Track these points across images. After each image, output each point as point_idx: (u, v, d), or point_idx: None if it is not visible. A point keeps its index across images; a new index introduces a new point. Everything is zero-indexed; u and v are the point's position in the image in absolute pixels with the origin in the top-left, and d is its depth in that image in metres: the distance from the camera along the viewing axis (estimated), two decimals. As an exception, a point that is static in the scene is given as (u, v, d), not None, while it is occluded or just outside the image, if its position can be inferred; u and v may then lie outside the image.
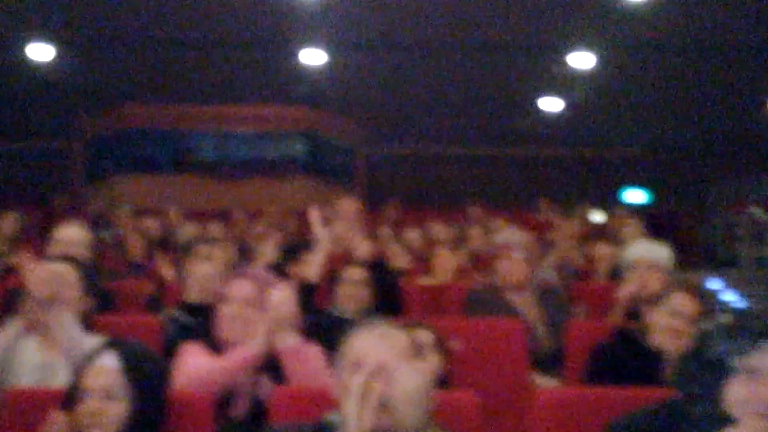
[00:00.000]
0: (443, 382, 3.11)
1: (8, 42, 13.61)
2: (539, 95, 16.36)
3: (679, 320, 3.57)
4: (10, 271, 6.33)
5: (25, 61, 14.21)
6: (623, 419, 2.16)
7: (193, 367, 3.06)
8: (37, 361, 3.21)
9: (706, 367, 2.04)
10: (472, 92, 16.05)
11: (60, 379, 3.05)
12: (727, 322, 2.07)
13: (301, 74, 14.99)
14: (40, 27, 13.18)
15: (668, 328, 3.56)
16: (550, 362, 4.18)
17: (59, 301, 3.08)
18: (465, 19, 13.02)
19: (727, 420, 1.95)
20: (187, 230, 9.44)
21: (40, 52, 13.98)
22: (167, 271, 6.45)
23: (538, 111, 17.01)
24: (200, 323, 3.82)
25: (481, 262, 7.56)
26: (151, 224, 9.63)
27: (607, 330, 3.85)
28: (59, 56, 14.17)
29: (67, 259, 3.43)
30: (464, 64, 14.92)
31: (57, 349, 3.14)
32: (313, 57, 14.25)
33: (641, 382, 3.25)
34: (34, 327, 3.19)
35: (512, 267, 4.72)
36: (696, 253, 18.09)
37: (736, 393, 1.97)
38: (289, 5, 12.17)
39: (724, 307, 12.08)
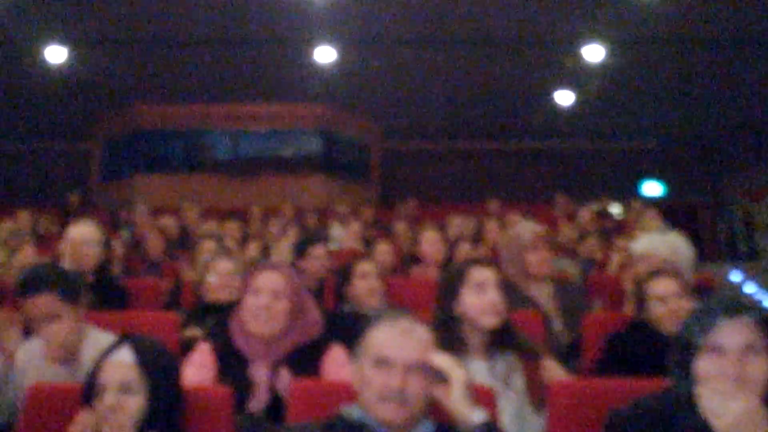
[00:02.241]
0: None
1: (26, 45, 13.68)
2: (553, 89, 16.33)
3: (668, 303, 3.63)
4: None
5: (42, 64, 14.29)
6: (627, 407, 2.17)
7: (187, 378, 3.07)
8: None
9: (683, 350, 2.06)
10: (486, 87, 16.01)
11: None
12: (697, 306, 2.09)
13: (315, 72, 14.99)
14: (57, 29, 13.25)
15: (665, 313, 3.62)
16: (567, 354, 4.17)
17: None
18: (477, 13, 12.96)
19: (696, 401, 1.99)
20: (206, 228, 9.48)
21: (57, 54, 14.05)
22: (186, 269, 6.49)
23: (552, 104, 16.96)
24: (217, 324, 3.82)
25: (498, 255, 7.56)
26: (169, 223, 9.66)
27: (622, 322, 3.86)
28: (75, 58, 14.23)
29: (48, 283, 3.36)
30: (477, 58, 14.86)
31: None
32: (326, 54, 14.25)
33: (656, 371, 3.27)
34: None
35: (540, 259, 4.69)
36: (715, 246, 18.08)
37: (700, 370, 2.02)
38: (301, 3, 12.18)
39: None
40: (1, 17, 12.27)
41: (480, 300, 3.18)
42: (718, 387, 1.94)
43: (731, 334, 1.99)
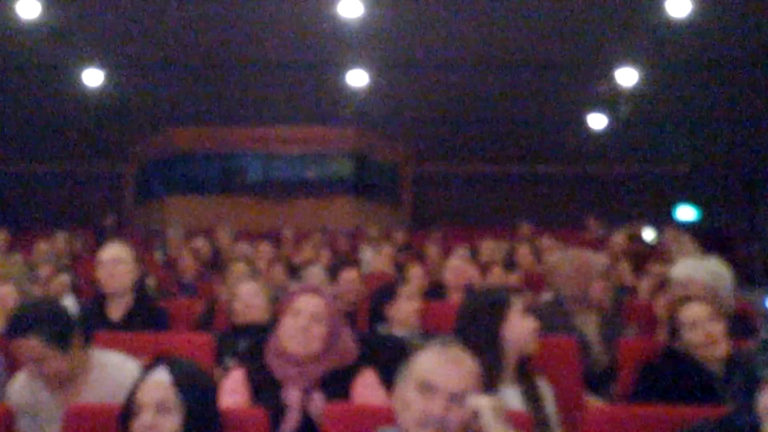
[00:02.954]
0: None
1: (64, 68, 13.87)
2: (586, 112, 16.29)
3: (701, 328, 3.57)
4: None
5: (79, 87, 14.48)
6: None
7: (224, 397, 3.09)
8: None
9: (748, 381, 2.04)
10: (519, 110, 16.02)
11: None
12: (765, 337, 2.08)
13: (347, 95, 15.07)
14: (94, 53, 13.42)
15: (698, 340, 3.57)
16: (602, 380, 4.15)
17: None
18: (509, 36, 13.02)
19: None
20: (238, 250, 9.52)
21: (94, 77, 14.23)
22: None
23: (585, 128, 16.92)
24: (251, 347, 3.83)
25: (534, 280, 7.54)
26: (201, 245, 9.72)
27: (656, 348, 3.83)
28: (111, 82, 14.42)
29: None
30: (510, 81, 14.89)
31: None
32: (358, 78, 14.33)
33: (692, 399, 3.25)
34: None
35: (603, 289, 4.69)
36: (750, 271, 17.88)
37: (764, 402, 1.98)
38: (333, 27, 12.26)
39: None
40: (40, 41, 12.46)
41: (526, 326, 3.21)
42: None
43: None
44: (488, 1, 12.42)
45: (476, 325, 3.31)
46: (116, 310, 4.54)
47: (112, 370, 3.17)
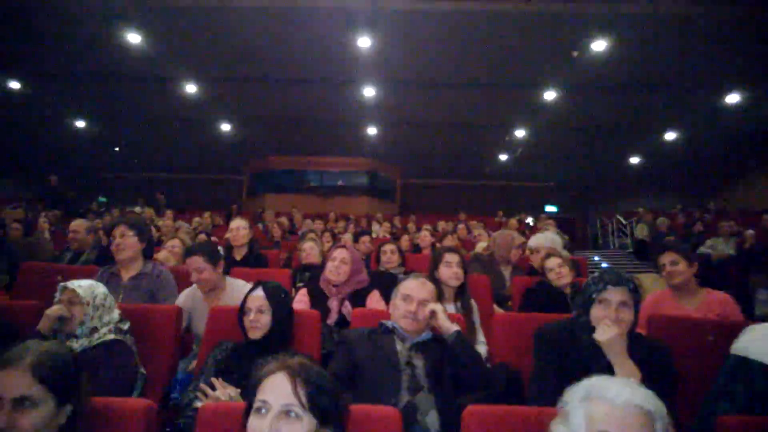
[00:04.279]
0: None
1: (209, 123, 13.90)
2: (497, 153, 16.25)
3: (556, 269, 3.61)
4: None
5: (218, 132, 14.51)
6: (547, 326, 2.17)
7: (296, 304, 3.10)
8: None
9: (584, 299, 2.07)
10: (462, 142, 15.83)
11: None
12: (594, 276, 2.10)
13: (365, 140, 15.07)
14: (228, 114, 13.45)
15: (554, 276, 3.61)
16: (505, 300, 4.14)
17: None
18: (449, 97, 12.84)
19: (593, 329, 1.99)
20: (305, 224, 9.55)
21: (226, 127, 14.25)
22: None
23: (497, 160, 16.85)
24: (311, 277, 3.85)
25: (464, 244, 7.51)
26: (284, 221, 9.71)
27: (533, 281, 3.83)
28: (236, 128, 14.45)
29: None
30: (464, 123, 14.79)
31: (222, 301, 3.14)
32: (372, 131, 14.30)
33: (552, 309, 3.26)
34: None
35: (516, 254, 4.69)
36: (583, 240, 17.90)
37: (594, 313, 2.02)
38: (360, 102, 12.17)
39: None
40: (199, 107, 12.45)
41: (449, 270, 3.23)
42: (604, 322, 1.97)
43: (614, 294, 2.00)
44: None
45: (429, 268, 3.36)
46: (238, 255, 4.53)
47: (236, 287, 3.16)
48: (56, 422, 1.48)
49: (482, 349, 3.01)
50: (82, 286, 2.38)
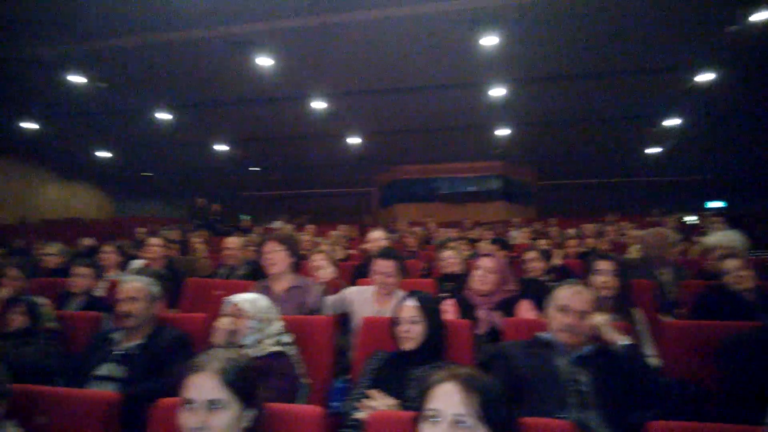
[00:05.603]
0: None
1: (339, 135, 14.50)
2: (644, 147, 15.22)
3: (735, 272, 3.30)
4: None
5: (345, 144, 15.09)
6: (732, 336, 2.04)
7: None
8: (374, 309, 3.35)
9: None
10: (603, 142, 15.07)
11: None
12: None
13: (497, 142, 14.84)
14: (355, 129, 13.94)
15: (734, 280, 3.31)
16: (672, 307, 3.90)
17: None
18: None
19: None
20: (440, 234, 9.60)
21: (355, 140, 14.77)
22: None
23: (644, 155, 15.78)
24: (455, 286, 3.88)
25: (616, 246, 7.14)
26: (418, 230, 9.81)
27: (704, 285, 3.56)
28: (365, 143, 14.92)
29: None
30: (599, 129, 14.10)
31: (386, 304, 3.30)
32: (504, 132, 14.06)
33: (731, 317, 2.99)
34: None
35: (677, 251, 4.51)
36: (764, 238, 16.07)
37: None
38: (489, 103, 12.04)
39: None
40: (326, 122, 13.00)
41: (598, 279, 3.13)
42: None
43: None
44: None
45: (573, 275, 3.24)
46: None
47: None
48: (241, 426, 1.64)
49: (654, 362, 2.84)
50: (246, 299, 2.59)
